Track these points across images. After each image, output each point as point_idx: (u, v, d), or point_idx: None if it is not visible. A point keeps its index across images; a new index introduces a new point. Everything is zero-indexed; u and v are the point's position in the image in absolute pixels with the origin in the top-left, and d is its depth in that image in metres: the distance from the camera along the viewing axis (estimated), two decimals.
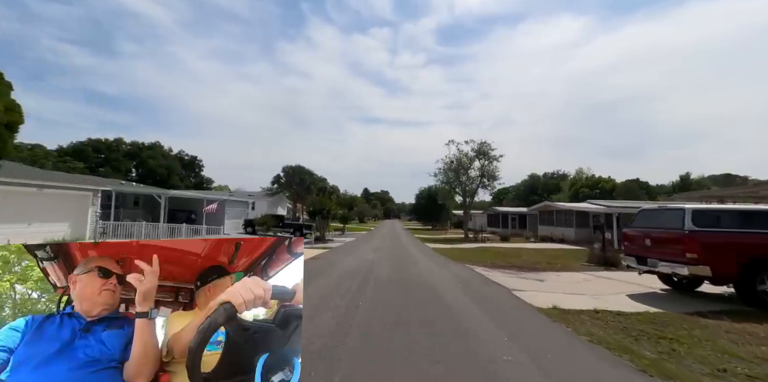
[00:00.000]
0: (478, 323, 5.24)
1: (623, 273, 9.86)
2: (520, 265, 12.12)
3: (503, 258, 14.39)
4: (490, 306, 6.32)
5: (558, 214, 25.79)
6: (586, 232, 22.81)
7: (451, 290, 7.70)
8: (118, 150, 55.66)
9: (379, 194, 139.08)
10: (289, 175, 37.66)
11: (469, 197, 35.09)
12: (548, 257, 14.83)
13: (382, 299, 6.63)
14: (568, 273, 10.39)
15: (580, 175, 63.67)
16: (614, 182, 57.01)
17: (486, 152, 33.02)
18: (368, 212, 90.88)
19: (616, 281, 8.88)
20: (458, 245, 22.79)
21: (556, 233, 24.82)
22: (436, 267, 11.96)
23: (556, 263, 12.70)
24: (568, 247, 20.28)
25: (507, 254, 16.26)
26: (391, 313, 5.66)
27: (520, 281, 8.82)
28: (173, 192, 21.40)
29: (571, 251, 17.52)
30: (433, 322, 5.20)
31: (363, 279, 8.87)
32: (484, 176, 33.53)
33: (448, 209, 55.20)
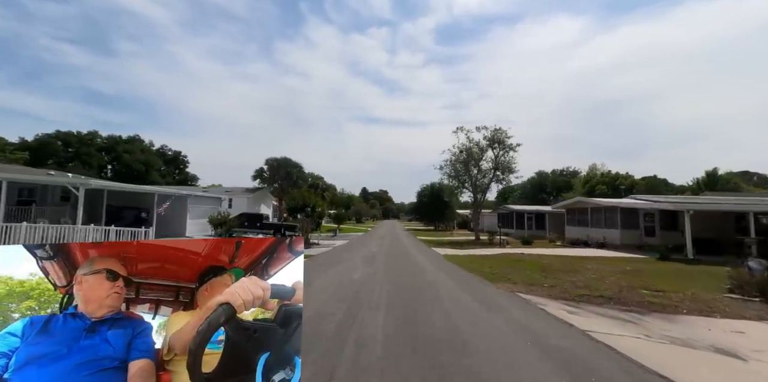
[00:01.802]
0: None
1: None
2: (610, 295, 7.31)
3: (556, 276, 9.72)
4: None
5: (594, 212, 21.10)
6: (633, 235, 18.18)
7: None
8: (91, 144, 50.80)
9: (377, 194, 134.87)
10: (273, 169, 32.96)
11: (481, 193, 30.44)
12: (631, 276, 9.93)
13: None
14: (745, 323, 5.59)
15: (594, 171, 59.04)
16: (633, 179, 52.51)
17: (501, 141, 28.40)
18: (366, 211, 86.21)
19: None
20: (473, 251, 18.13)
21: (594, 235, 20.13)
22: (469, 301, 7.25)
23: (671, 292, 7.57)
24: (623, 255, 15.62)
25: (554, 267, 11.59)
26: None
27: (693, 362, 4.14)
28: (97, 182, 16.38)
29: (647, 264, 12.85)
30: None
31: (337, 341, 4.27)
32: (498, 169, 28.89)
33: (453, 208, 50.58)
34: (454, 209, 51.50)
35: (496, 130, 28.51)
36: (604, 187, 50.59)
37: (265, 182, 33.17)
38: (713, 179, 46.24)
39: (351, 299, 6.62)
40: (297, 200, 20.68)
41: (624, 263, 12.54)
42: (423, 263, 12.58)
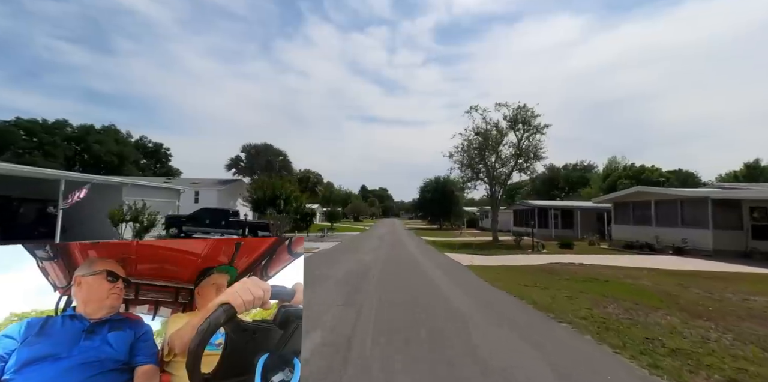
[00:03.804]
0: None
1: None
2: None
3: (731, 327, 4.54)
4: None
5: (663, 206, 15.78)
6: (733, 237, 12.90)
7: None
8: (58, 133, 45.54)
9: (377, 192, 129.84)
10: (251, 157, 27.73)
11: (499, 185, 25.20)
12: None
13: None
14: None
15: (614, 164, 53.62)
16: (661, 171, 47.17)
17: (526, 121, 23.15)
18: (364, 209, 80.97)
19: None
20: (503, 259, 12.95)
21: (666, 236, 14.87)
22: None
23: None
24: (741, 267, 10.42)
25: (683, 298, 6.41)
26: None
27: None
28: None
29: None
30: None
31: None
32: (521, 155, 23.64)
33: (461, 204, 45.40)
34: (461, 205, 46.32)
35: (520, 108, 23.24)
36: (629, 181, 45.35)
37: (242, 173, 27.90)
38: (754, 171, 40.92)
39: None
40: (264, 189, 15.38)
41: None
42: (447, 292, 7.40)
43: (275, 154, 28.45)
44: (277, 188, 14.82)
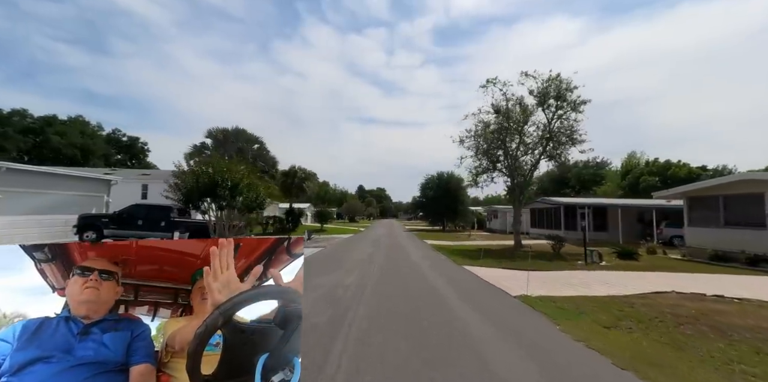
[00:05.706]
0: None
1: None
2: None
3: None
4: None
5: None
6: None
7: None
8: (12, 124, 40.30)
9: (375, 192, 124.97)
10: (218, 143, 22.81)
11: (522, 177, 20.31)
12: None
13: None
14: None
15: (634, 160, 49.01)
16: (690, 168, 42.56)
17: (561, 95, 18.32)
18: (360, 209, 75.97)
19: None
20: (559, 277, 8.06)
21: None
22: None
23: None
24: None
25: None
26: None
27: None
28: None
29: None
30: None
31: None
32: (552, 138, 18.79)
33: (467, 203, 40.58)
34: (467, 204, 41.50)
35: (552, 80, 18.40)
36: (653, 178, 40.84)
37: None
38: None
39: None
40: (198, 174, 10.37)
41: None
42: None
43: (250, 140, 23.52)
44: (218, 172, 9.85)
